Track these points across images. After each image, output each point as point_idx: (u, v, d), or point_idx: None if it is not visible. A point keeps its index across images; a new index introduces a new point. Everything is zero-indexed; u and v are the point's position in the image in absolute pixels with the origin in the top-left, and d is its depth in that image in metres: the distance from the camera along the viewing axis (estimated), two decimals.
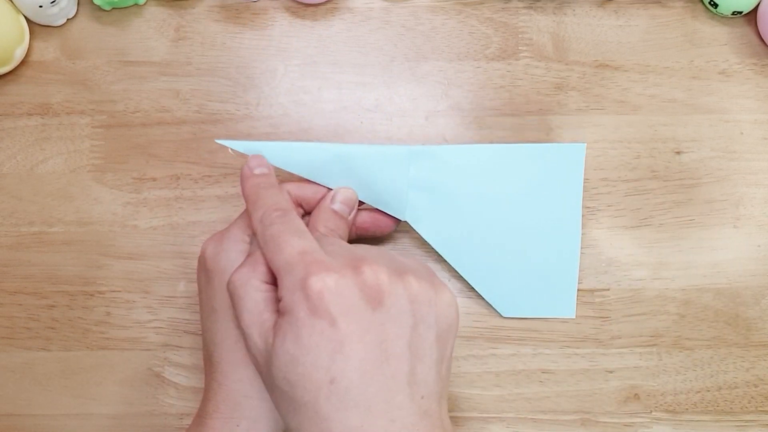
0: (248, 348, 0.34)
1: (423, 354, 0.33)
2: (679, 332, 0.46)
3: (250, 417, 0.36)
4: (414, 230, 0.44)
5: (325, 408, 0.31)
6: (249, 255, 0.36)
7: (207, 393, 0.38)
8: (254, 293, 0.34)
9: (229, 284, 0.35)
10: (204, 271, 0.38)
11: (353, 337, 0.31)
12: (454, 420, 0.45)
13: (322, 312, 0.31)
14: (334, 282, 0.32)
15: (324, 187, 0.41)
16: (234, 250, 0.37)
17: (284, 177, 0.41)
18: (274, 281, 0.34)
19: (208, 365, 0.38)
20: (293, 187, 0.40)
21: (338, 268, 0.32)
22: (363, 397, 0.31)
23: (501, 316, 0.45)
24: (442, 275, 0.46)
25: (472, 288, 0.45)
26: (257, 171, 0.39)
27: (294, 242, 0.33)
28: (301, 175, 0.41)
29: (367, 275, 0.32)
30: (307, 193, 0.41)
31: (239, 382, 0.37)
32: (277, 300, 0.33)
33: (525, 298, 0.45)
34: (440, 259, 0.44)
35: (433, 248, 0.44)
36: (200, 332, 0.41)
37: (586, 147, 0.44)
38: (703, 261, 0.46)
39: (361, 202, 0.42)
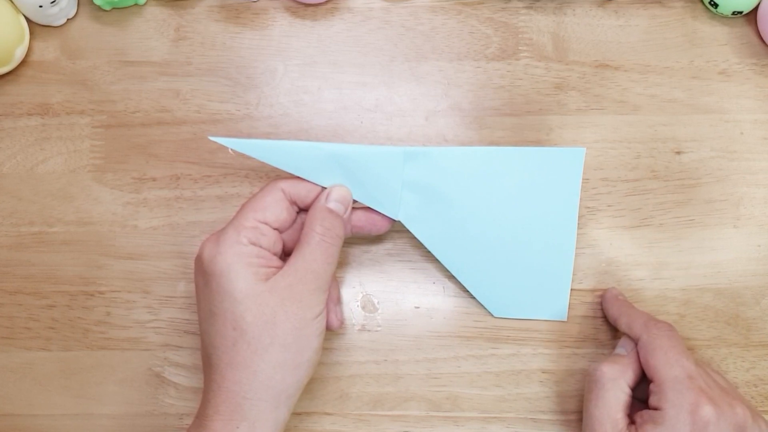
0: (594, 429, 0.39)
1: None
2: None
3: (250, 418, 0.36)
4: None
5: None
6: (623, 356, 0.41)
7: (206, 395, 0.38)
8: (619, 393, 0.39)
9: (596, 373, 0.40)
10: (201, 273, 0.38)
11: None
12: (455, 420, 0.45)
13: None
14: (717, 414, 0.37)
15: (318, 185, 0.41)
16: (231, 253, 0.37)
17: (282, 174, 0.41)
18: (634, 387, 0.40)
19: (207, 367, 0.38)
20: (287, 185, 0.40)
21: (719, 401, 0.38)
22: None
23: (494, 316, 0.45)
24: (440, 275, 0.46)
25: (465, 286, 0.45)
26: (620, 297, 0.45)
27: (685, 363, 0.39)
28: (296, 174, 0.41)
29: (739, 416, 0.38)
30: (301, 191, 0.41)
31: (238, 384, 0.36)
32: (635, 404, 0.39)
33: (517, 300, 0.45)
34: (437, 260, 0.44)
35: (427, 248, 0.44)
36: (199, 332, 0.41)
37: (585, 152, 0.44)
38: (703, 261, 0.46)
39: (355, 202, 0.42)
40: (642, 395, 0.41)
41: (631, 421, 0.39)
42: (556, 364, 0.45)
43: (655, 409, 0.38)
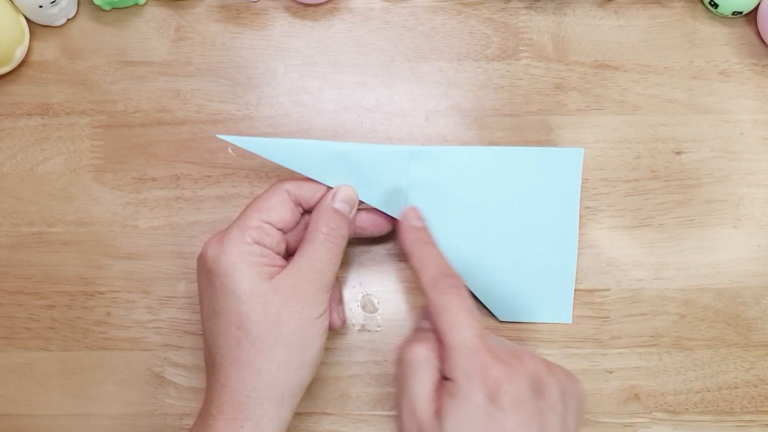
0: (403, 420, 0.36)
1: None
2: (679, 332, 0.46)
3: (254, 418, 0.36)
4: None
5: None
6: (429, 331, 0.37)
7: (210, 394, 0.38)
8: (433, 372, 0.36)
9: (409, 356, 0.36)
10: (205, 273, 0.38)
11: (521, 426, 0.34)
12: None
13: (498, 401, 0.34)
14: (507, 372, 0.34)
15: (323, 185, 0.41)
16: (235, 253, 0.37)
17: (284, 174, 0.41)
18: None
19: (210, 367, 0.38)
20: (293, 186, 0.40)
21: (507, 359, 0.35)
22: None
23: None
24: None
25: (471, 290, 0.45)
26: (415, 223, 0.41)
27: (470, 323, 0.36)
28: (300, 173, 0.41)
29: (530, 366, 0.35)
30: (306, 192, 0.41)
31: (242, 383, 0.37)
32: (443, 375, 0.35)
33: (522, 303, 0.45)
34: None
35: None
36: (200, 332, 0.41)
37: (583, 152, 0.44)
38: (703, 261, 0.46)
39: (360, 202, 0.42)
40: None
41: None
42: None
43: (449, 379, 0.35)
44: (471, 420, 0.34)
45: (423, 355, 0.36)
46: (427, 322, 0.38)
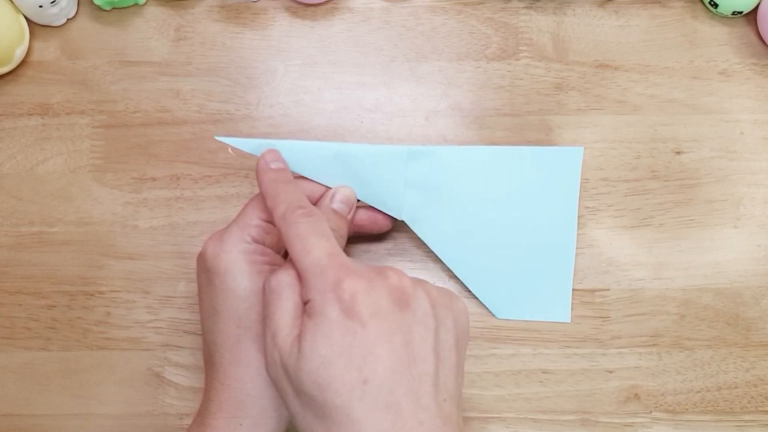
0: (267, 352, 0.34)
1: (444, 357, 0.34)
2: (679, 332, 0.46)
3: (253, 416, 0.36)
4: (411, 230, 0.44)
5: (357, 410, 0.31)
6: (288, 264, 0.35)
7: (209, 393, 0.38)
8: (294, 298, 0.34)
9: (271, 283, 0.34)
10: (205, 271, 0.38)
11: (383, 339, 0.32)
12: None
13: (355, 314, 0.32)
14: (364, 285, 0.32)
15: (321, 185, 0.41)
16: (235, 251, 0.37)
17: None
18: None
19: (210, 365, 0.38)
20: None
21: (365, 273, 0.33)
22: (393, 398, 0.31)
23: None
24: (440, 275, 0.46)
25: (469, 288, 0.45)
26: (273, 165, 0.39)
27: (322, 244, 0.34)
28: (299, 173, 0.41)
29: (393, 279, 0.33)
30: (305, 190, 0.41)
31: (242, 382, 0.37)
32: (303, 302, 0.33)
33: (520, 301, 0.45)
34: (438, 259, 0.44)
35: (430, 248, 0.44)
36: (200, 332, 0.41)
37: (583, 151, 0.44)
38: (703, 261, 0.46)
39: (358, 201, 0.42)
40: None
41: None
42: (556, 364, 0.45)
43: (307, 301, 0.33)
44: (327, 336, 0.32)
45: (285, 282, 0.34)
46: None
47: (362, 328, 0.32)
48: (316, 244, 0.34)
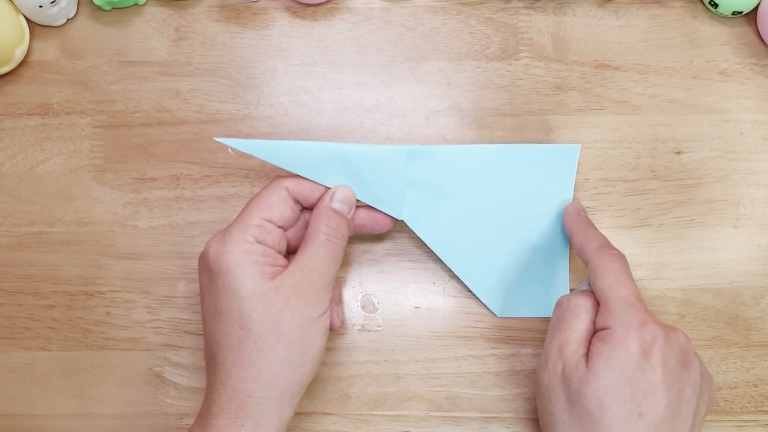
0: (548, 360, 0.38)
1: (697, 423, 0.38)
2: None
3: (255, 417, 0.36)
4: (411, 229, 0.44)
5: None
6: (587, 292, 0.40)
7: (210, 393, 0.38)
8: (589, 322, 0.39)
9: (570, 303, 0.39)
10: (207, 272, 0.38)
11: (665, 386, 0.36)
12: (455, 420, 0.45)
13: (650, 356, 0.36)
14: (663, 335, 0.37)
15: (321, 185, 0.41)
16: (237, 252, 0.37)
17: (283, 173, 0.41)
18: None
19: (211, 366, 0.38)
20: (291, 183, 0.40)
21: (663, 325, 0.37)
22: None
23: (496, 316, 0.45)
24: (439, 275, 0.46)
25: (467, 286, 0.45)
26: (580, 212, 0.44)
27: (633, 286, 0.39)
28: (300, 174, 0.41)
29: (682, 340, 0.38)
30: (305, 189, 0.41)
31: (243, 382, 0.37)
32: (596, 327, 0.38)
33: (519, 299, 0.45)
34: (437, 258, 0.44)
35: (429, 247, 0.44)
36: (200, 332, 0.41)
37: (580, 148, 0.44)
38: (703, 261, 0.46)
39: (358, 201, 0.42)
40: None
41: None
42: None
43: (604, 329, 0.38)
44: (622, 365, 0.36)
45: (583, 305, 0.39)
46: (586, 285, 0.41)
47: (651, 370, 0.36)
48: (627, 283, 0.38)
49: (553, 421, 0.38)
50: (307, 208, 0.41)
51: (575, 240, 0.42)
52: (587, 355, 0.37)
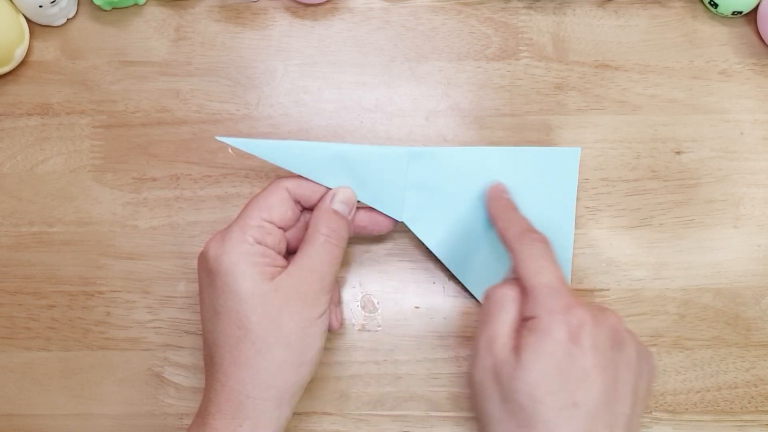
0: (479, 356, 0.36)
1: (638, 404, 0.36)
2: (679, 332, 0.46)
3: (253, 417, 0.36)
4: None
5: (562, 428, 0.34)
6: (515, 280, 0.38)
7: (208, 393, 0.38)
8: (515, 312, 0.37)
9: (496, 294, 0.38)
10: (206, 272, 0.38)
11: (598, 370, 0.35)
12: (455, 420, 0.45)
13: (579, 341, 0.35)
14: (591, 317, 0.35)
15: (322, 186, 0.41)
16: (236, 252, 0.37)
17: (283, 173, 0.41)
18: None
19: (210, 366, 0.38)
20: (291, 184, 0.40)
21: (590, 307, 0.36)
22: (594, 427, 0.34)
23: None
24: (439, 276, 0.46)
25: (466, 287, 0.45)
26: (502, 195, 0.43)
27: (554, 269, 0.37)
28: (301, 174, 0.41)
29: (613, 320, 0.36)
30: (305, 190, 0.41)
31: (242, 383, 0.37)
32: (522, 317, 0.36)
33: None
34: (437, 259, 0.44)
35: (430, 249, 0.44)
36: (200, 332, 0.41)
37: (580, 151, 0.44)
38: (703, 261, 0.46)
39: (359, 202, 0.42)
40: None
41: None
42: None
43: (530, 318, 0.36)
44: (550, 354, 0.34)
45: (509, 295, 0.37)
46: (512, 273, 0.39)
47: (582, 355, 0.34)
48: (550, 267, 0.37)
49: (488, 421, 0.36)
50: (307, 209, 0.41)
51: (496, 225, 0.41)
52: (516, 347, 0.36)
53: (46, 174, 0.47)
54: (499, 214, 0.41)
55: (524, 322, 0.36)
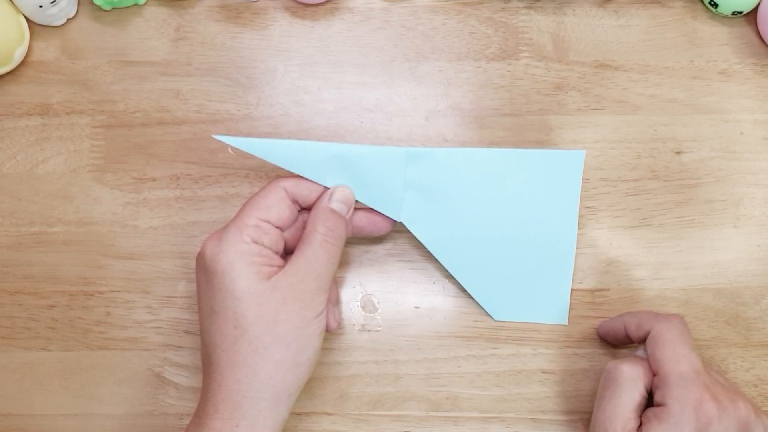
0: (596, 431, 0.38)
1: None
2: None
3: (250, 417, 0.36)
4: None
5: None
6: (644, 359, 0.40)
7: (205, 393, 0.38)
8: (635, 394, 0.38)
9: (615, 371, 0.39)
10: (203, 271, 0.38)
11: None
12: (455, 420, 0.45)
13: None
14: (717, 412, 0.36)
15: (321, 185, 0.41)
16: (233, 252, 0.37)
17: (282, 173, 0.41)
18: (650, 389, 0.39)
19: (207, 365, 0.38)
20: (289, 183, 0.40)
21: (721, 398, 0.37)
22: None
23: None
24: (437, 277, 0.46)
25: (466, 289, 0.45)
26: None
27: (691, 357, 0.38)
28: (299, 173, 0.41)
29: (741, 411, 0.37)
30: (303, 190, 0.41)
31: (238, 383, 0.36)
32: (644, 402, 0.38)
33: (518, 304, 0.45)
34: (436, 260, 0.44)
35: (428, 250, 0.44)
36: (200, 332, 0.41)
37: (585, 154, 0.44)
38: (703, 261, 0.46)
39: (357, 202, 0.42)
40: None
41: (641, 422, 0.39)
42: (556, 364, 0.45)
43: (660, 405, 0.38)
44: None
45: (631, 376, 0.38)
46: (642, 352, 0.40)
47: None
48: (686, 355, 0.38)
49: None
50: (305, 209, 0.41)
51: (631, 327, 0.42)
52: (640, 429, 0.37)
53: (46, 174, 0.47)
54: (625, 319, 0.42)
55: (653, 406, 0.38)
